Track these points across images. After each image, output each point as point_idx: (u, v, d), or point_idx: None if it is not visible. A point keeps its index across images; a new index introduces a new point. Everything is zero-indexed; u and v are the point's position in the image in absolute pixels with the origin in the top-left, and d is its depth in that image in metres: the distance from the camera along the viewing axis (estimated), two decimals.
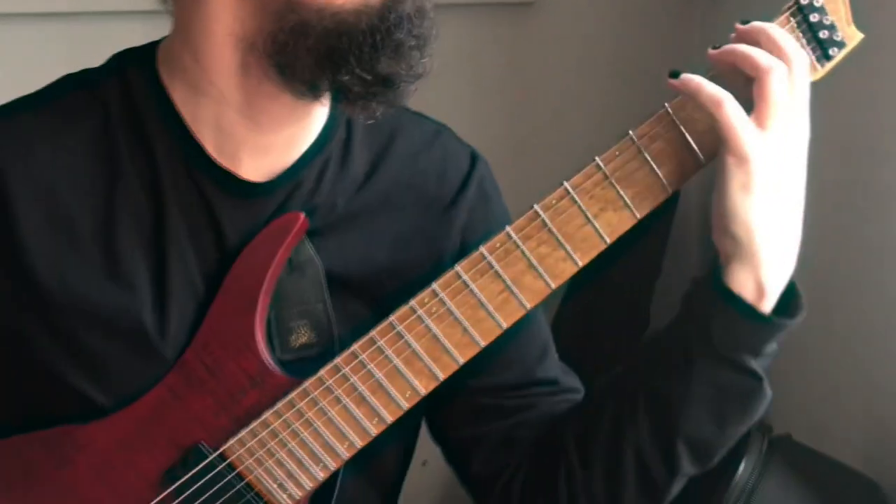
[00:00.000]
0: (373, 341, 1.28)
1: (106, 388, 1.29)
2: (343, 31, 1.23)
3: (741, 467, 1.84)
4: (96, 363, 1.29)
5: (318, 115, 1.32)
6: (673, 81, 1.23)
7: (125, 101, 1.32)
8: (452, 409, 1.40)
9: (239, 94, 1.29)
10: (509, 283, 1.28)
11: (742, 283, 1.25)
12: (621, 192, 1.27)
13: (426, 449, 2.38)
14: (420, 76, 1.26)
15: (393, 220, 1.41)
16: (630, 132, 1.26)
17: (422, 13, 1.25)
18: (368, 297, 1.37)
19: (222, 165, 1.31)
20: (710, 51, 1.24)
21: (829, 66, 1.29)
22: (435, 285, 1.28)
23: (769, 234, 1.24)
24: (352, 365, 1.28)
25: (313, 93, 1.27)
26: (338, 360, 1.28)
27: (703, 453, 1.30)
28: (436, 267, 1.37)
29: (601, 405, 1.34)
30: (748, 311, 1.24)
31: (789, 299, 1.26)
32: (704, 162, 1.26)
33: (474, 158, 1.47)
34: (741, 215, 1.23)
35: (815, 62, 1.28)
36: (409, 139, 1.43)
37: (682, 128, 1.26)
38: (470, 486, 1.49)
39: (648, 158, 1.26)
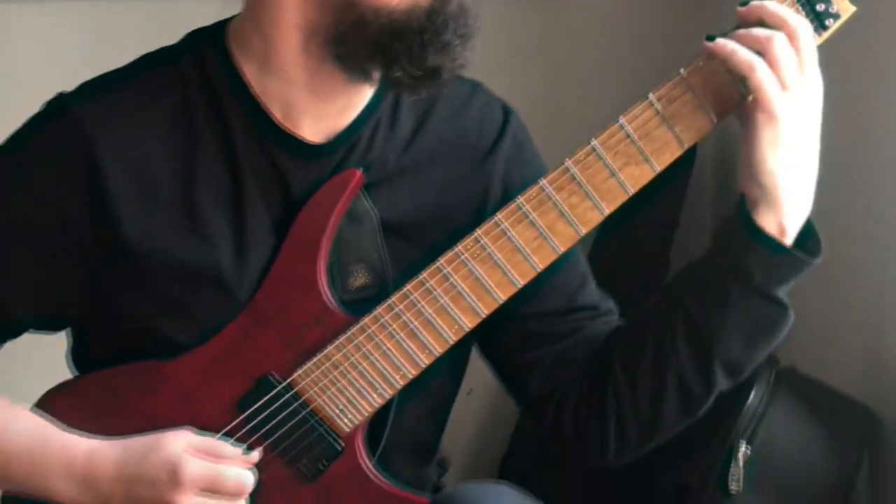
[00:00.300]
0: (423, 282, 1.33)
1: (188, 329, 1.35)
2: (396, 29, 1.28)
3: (751, 396, 1.87)
4: (180, 309, 1.34)
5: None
6: (708, 45, 1.27)
7: (201, 77, 1.36)
8: (505, 337, 1.43)
9: (302, 73, 1.34)
10: (543, 229, 1.33)
11: (766, 223, 1.30)
12: (642, 148, 1.32)
13: (471, 378, 2.42)
14: (463, 66, 1.31)
15: (439, 172, 1.44)
16: (649, 94, 1.31)
17: (465, 12, 1.30)
18: (418, 242, 1.41)
19: (289, 131, 1.36)
20: (706, 43, 1.28)
21: (826, 34, 1.33)
22: (477, 232, 1.33)
23: (792, 181, 1.29)
24: (404, 303, 1.33)
25: (365, 78, 1.33)
26: (392, 299, 1.33)
27: (736, 371, 1.36)
28: (478, 213, 1.42)
29: (643, 333, 1.38)
30: (776, 247, 1.30)
31: (807, 240, 1.31)
32: (716, 122, 1.31)
33: (507, 111, 1.49)
34: (769, 166, 1.29)
35: (813, 32, 1.31)
36: (449, 99, 1.45)
37: (695, 91, 1.31)
38: (526, 407, 1.55)
39: (665, 118, 1.32)
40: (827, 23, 1.33)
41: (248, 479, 1.30)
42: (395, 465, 1.43)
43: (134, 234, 1.33)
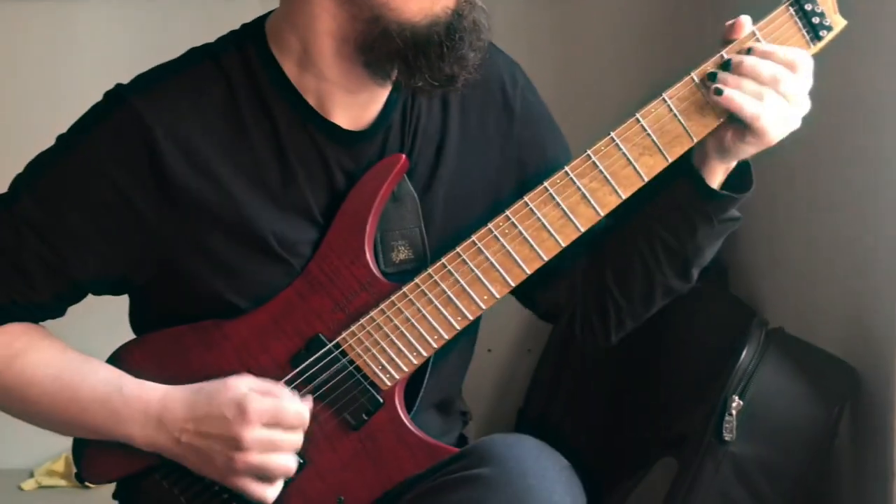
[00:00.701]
0: (459, 255, 1.39)
1: (242, 293, 1.40)
2: (418, 42, 1.32)
3: (743, 354, 1.89)
4: (236, 274, 1.39)
5: None
6: (717, 98, 1.34)
7: (245, 71, 1.39)
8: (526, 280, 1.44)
9: (336, 72, 1.39)
10: (567, 210, 1.39)
11: (717, 175, 1.43)
12: (656, 140, 1.38)
13: (491, 339, 2.45)
14: (476, 72, 1.36)
15: (471, 150, 1.49)
16: (663, 94, 1.37)
17: (479, 27, 1.34)
18: (457, 220, 1.46)
19: (329, 120, 1.41)
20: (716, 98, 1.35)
21: (821, 45, 1.39)
22: (507, 212, 1.39)
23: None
24: (441, 273, 1.39)
25: (390, 81, 1.40)
26: (430, 269, 1.40)
27: (705, 265, 1.50)
28: (506, 184, 1.50)
29: (631, 260, 1.48)
30: (729, 197, 1.41)
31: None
32: (723, 119, 1.37)
33: (513, 70, 1.54)
34: (743, 156, 1.41)
35: (808, 42, 1.38)
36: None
37: (704, 90, 1.36)
38: (542, 317, 1.64)
39: (677, 114, 1.37)
40: (821, 34, 1.38)
41: (305, 411, 1.36)
42: (426, 418, 1.50)
43: (193, 208, 1.37)
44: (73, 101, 1.48)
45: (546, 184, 1.38)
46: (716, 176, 1.43)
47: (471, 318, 1.41)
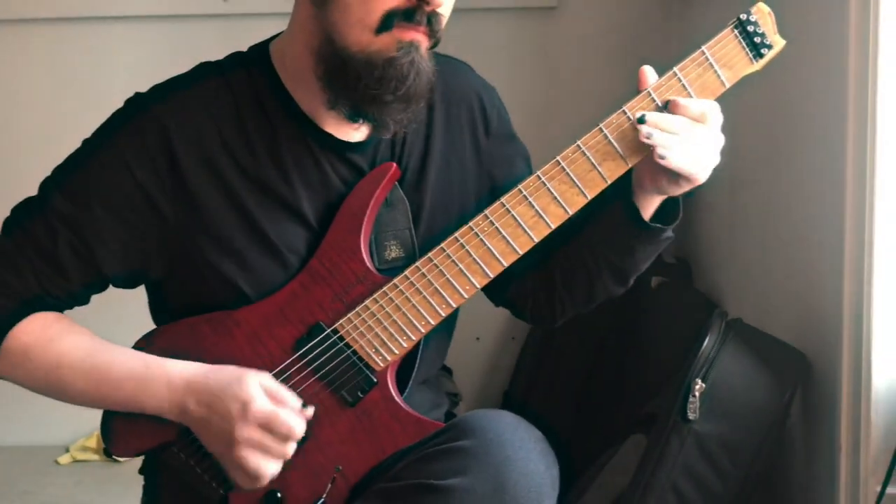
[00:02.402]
0: (443, 250, 1.40)
1: (252, 283, 1.41)
2: (346, 68, 1.32)
3: (705, 342, 1.90)
4: (246, 265, 1.40)
5: None
6: (643, 129, 1.34)
7: (249, 84, 1.41)
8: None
9: (316, 86, 1.38)
10: (539, 209, 1.39)
11: (653, 203, 1.44)
12: (617, 148, 1.37)
13: (479, 328, 2.46)
14: (406, 117, 1.36)
15: (454, 160, 1.49)
16: (623, 106, 1.36)
17: (405, 78, 1.31)
18: (441, 221, 1.48)
19: (326, 131, 1.42)
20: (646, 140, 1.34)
21: (763, 62, 1.38)
22: (486, 211, 1.39)
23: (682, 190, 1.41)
24: (428, 267, 1.40)
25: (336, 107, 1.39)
26: (418, 263, 1.40)
27: (644, 269, 1.51)
28: (481, 188, 1.52)
29: (575, 266, 1.51)
30: (660, 228, 1.43)
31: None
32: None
33: (489, 91, 1.55)
34: (673, 192, 1.41)
35: (751, 59, 1.37)
36: (444, 87, 1.48)
37: (658, 104, 1.35)
38: (501, 305, 1.64)
39: (635, 124, 1.35)
40: (762, 52, 1.38)
41: (299, 428, 1.36)
42: (418, 396, 1.51)
43: (204, 207, 1.39)
44: (96, 114, 1.48)
45: (520, 186, 1.39)
46: (651, 203, 1.45)
47: (454, 306, 1.43)
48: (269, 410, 1.34)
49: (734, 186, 2.35)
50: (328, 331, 1.42)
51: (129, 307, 1.64)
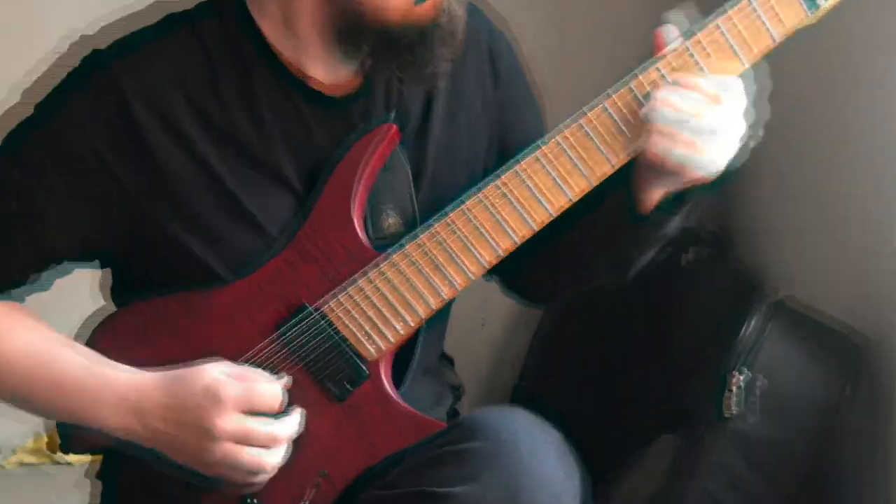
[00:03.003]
0: (448, 223, 1.39)
1: (224, 259, 1.40)
2: (391, 38, 1.36)
3: (746, 327, 1.89)
4: (216, 239, 1.39)
5: None
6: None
7: (224, 35, 1.41)
8: None
9: (316, 44, 1.40)
10: (558, 178, 1.39)
11: (654, 196, 1.40)
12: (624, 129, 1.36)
13: (485, 311, 2.45)
14: (444, 72, 1.40)
15: (458, 116, 1.50)
16: (657, 62, 1.35)
17: (453, 36, 1.37)
18: (446, 187, 1.47)
19: (311, 86, 1.42)
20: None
21: (819, 13, 1.35)
22: (498, 180, 1.39)
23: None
24: (430, 240, 1.39)
25: (359, 64, 1.42)
26: (419, 237, 1.39)
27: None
28: (491, 149, 1.52)
29: (577, 254, 1.52)
30: (662, 219, 1.41)
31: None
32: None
33: (498, 38, 1.56)
34: (680, 185, 1.38)
35: (806, 10, 1.34)
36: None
37: (697, 59, 1.35)
38: (498, 281, 1.63)
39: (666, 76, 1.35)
40: (818, 1, 1.34)
41: (282, 392, 1.34)
42: (417, 389, 1.49)
43: (169, 175, 1.38)
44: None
45: (537, 153, 1.38)
46: (654, 195, 1.41)
47: (459, 287, 1.41)
48: (244, 387, 1.33)
49: (783, 144, 2.24)
50: (315, 314, 1.40)
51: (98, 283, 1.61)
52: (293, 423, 1.36)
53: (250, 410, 1.33)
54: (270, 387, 1.34)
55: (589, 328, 2.57)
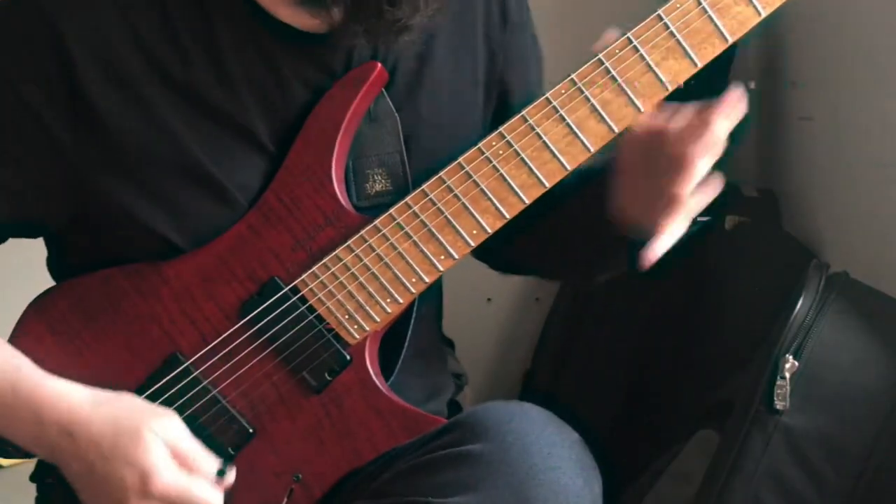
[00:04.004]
0: (442, 181, 1.38)
1: (182, 229, 1.39)
2: None
3: (798, 305, 1.88)
4: (171, 206, 1.38)
5: None
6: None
7: None
8: None
9: None
10: (573, 126, 1.37)
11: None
12: (683, 41, 1.36)
13: (490, 285, 2.46)
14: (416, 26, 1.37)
15: (462, 58, 1.50)
16: None
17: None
18: (443, 143, 1.45)
19: (282, 20, 1.39)
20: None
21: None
22: (502, 129, 1.37)
23: None
24: (421, 203, 1.38)
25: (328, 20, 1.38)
26: (408, 198, 1.38)
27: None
28: (491, 103, 1.52)
29: (548, 258, 1.60)
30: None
31: None
32: (763, 13, 1.36)
33: None
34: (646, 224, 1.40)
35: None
36: None
37: None
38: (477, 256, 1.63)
39: (708, 9, 1.35)
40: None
41: (218, 500, 1.34)
42: (408, 379, 1.49)
43: (114, 130, 1.36)
44: None
45: (548, 94, 1.37)
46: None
47: (457, 257, 1.40)
48: (179, 489, 1.32)
49: (839, 97, 2.31)
50: (285, 290, 1.39)
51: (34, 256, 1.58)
52: None
53: None
54: (211, 494, 1.33)
55: (616, 306, 2.57)
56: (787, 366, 1.84)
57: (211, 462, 1.35)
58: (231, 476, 1.36)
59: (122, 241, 1.40)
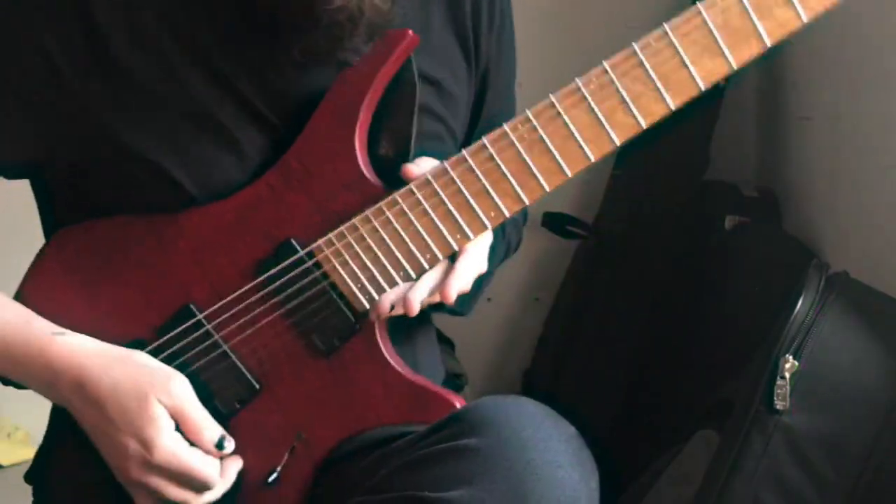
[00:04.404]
0: (464, 159, 1.36)
1: (193, 174, 1.39)
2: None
3: (799, 304, 1.87)
4: (188, 152, 1.39)
5: None
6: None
7: None
8: None
9: None
10: (601, 117, 1.35)
11: None
12: (718, 38, 1.33)
13: (490, 286, 2.43)
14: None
15: (457, 47, 1.49)
16: None
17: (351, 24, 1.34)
18: (445, 122, 1.46)
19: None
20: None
21: None
22: (529, 112, 1.35)
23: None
24: (442, 180, 1.37)
25: None
26: (429, 174, 1.37)
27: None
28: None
29: None
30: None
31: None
32: (805, 19, 1.32)
33: None
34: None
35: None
36: None
37: None
38: None
39: (748, 7, 1.32)
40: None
41: (215, 479, 1.37)
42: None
43: (131, 79, 1.36)
44: None
45: (579, 81, 1.34)
46: None
47: (472, 236, 1.39)
48: (179, 462, 1.34)
49: (840, 97, 2.31)
50: (301, 253, 1.39)
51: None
52: (222, 486, 1.38)
53: (176, 481, 1.35)
54: (209, 467, 1.36)
55: (617, 305, 2.57)
56: (787, 366, 1.83)
57: (214, 430, 1.36)
58: (230, 447, 1.37)
59: (127, 185, 1.41)
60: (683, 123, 1.71)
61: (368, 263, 1.39)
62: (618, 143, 1.37)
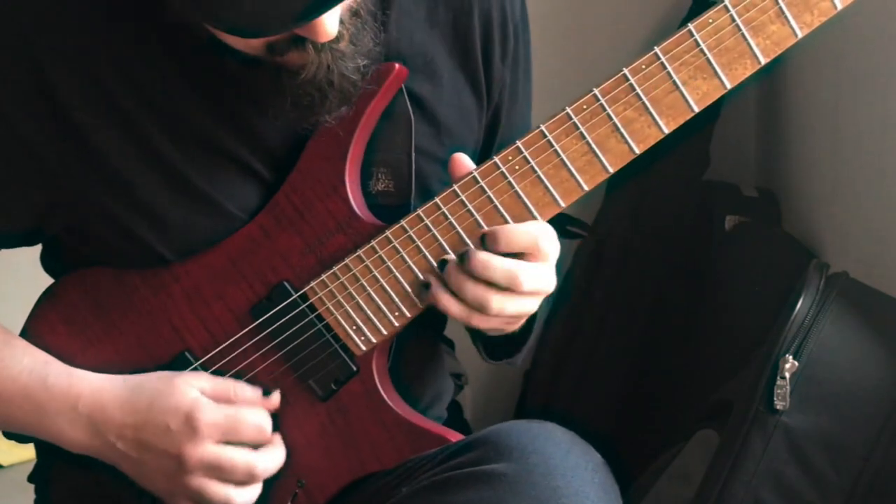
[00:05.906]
0: (455, 194, 1.35)
1: (175, 244, 1.39)
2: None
3: (798, 304, 1.87)
4: (166, 226, 1.38)
5: None
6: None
7: None
8: None
9: None
10: (593, 145, 1.34)
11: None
12: (711, 59, 1.33)
13: None
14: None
15: (464, 75, 1.48)
16: (725, 0, 1.31)
17: (319, 93, 1.30)
18: (447, 153, 1.42)
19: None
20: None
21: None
22: (519, 143, 1.34)
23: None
24: (434, 216, 1.36)
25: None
26: (420, 210, 1.36)
27: None
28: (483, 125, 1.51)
29: None
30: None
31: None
32: (800, 35, 1.32)
33: None
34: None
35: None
36: None
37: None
38: None
39: (742, 26, 1.32)
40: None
41: (268, 422, 1.37)
42: (411, 386, 1.50)
43: (98, 145, 1.34)
44: None
45: (569, 109, 1.34)
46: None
47: None
48: (226, 415, 1.34)
49: (841, 96, 2.30)
50: (295, 296, 1.39)
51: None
52: (275, 459, 1.38)
53: (229, 441, 1.34)
54: (256, 416, 1.36)
55: (617, 305, 2.54)
56: (787, 366, 1.83)
57: (249, 389, 1.38)
58: (276, 397, 1.39)
59: (116, 251, 1.40)
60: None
61: (363, 304, 1.38)
62: (611, 170, 1.36)
